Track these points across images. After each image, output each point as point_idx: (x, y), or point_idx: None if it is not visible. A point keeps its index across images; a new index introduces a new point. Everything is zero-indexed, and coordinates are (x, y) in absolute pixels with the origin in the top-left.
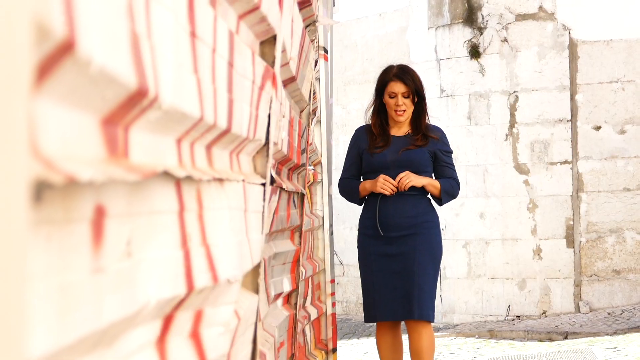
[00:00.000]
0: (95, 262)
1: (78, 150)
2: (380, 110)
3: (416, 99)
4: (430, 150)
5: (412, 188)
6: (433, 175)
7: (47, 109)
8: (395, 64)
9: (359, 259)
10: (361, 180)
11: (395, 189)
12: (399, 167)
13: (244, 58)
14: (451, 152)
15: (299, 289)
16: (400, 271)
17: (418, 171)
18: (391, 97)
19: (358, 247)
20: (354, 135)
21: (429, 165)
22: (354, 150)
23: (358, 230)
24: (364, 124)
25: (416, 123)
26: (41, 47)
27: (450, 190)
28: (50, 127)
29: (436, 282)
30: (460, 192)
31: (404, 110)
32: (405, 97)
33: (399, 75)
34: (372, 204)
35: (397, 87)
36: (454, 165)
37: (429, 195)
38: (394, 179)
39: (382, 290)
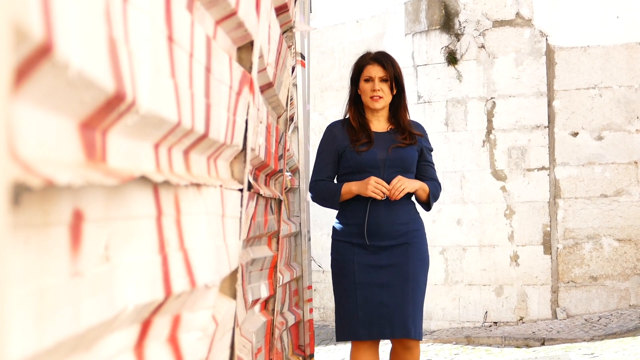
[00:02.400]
0: (73, 266)
1: (56, 154)
2: (356, 101)
3: (395, 90)
4: (417, 148)
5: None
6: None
7: (25, 112)
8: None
9: (334, 268)
10: (335, 181)
11: (386, 194)
12: (389, 167)
13: (221, 63)
14: (432, 149)
15: (276, 295)
16: (389, 284)
17: (407, 171)
18: (367, 82)
19: (334, 255)
20: (326, 132)
21: (416, 164)
22: (330, 149)
23: (334, 237)
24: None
25: (397, 119)
26: (19, 50)
27: (436, 193)
28: (28, 131)
29: (424, 294)
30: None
31: (381, 97)
32: (382, 81)
33: (376, 58)
34: (360, 209)
35: (374, 71)
36: (434, 164)
37: (412, 198)
38: (384, 179)
39: (366, 305)
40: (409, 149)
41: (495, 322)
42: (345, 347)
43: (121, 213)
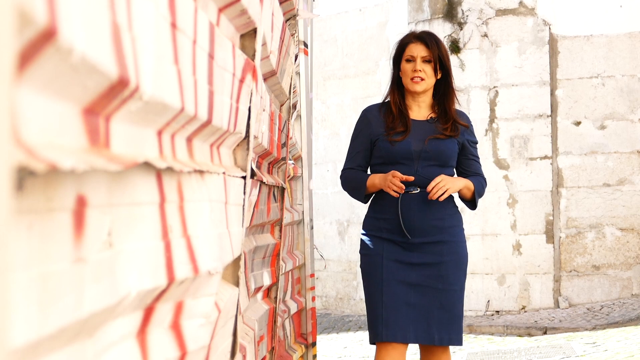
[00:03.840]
0: (76, 252)
1: (59, 140)
2: (398, 84)
3: (440, 73)
4: (459, 141)
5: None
6: (454, 170)
7: (28, 97)
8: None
9: (362, 265)
10: (369, 172)
11: (402, 191)
12: (424, 160)
13: (224, 50)
14: (477, 142)
15: (279, 283)
16: (418, 284)
17: (444, 165)
18: (408, 62)
19: (361, 251)
20: (362, 117)
21: (456, 158)
22: (364, 135)
23: (363, 232)
24: (372, 104)
25: (442, 106)
26: (23, 35)
27: (481, 191)
28: (32, 115)
29: (463, 298)
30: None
31: (422, 79)
32: (425, 62)
33: (420, 37)
34: (391, 203)
35: (417, 49)
36: (479, 158)
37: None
38: (417, 172)
39: (391, 304)
40: (448, 141)
41: (498, 311)
42: (347, 336)
43: (124, 199)
